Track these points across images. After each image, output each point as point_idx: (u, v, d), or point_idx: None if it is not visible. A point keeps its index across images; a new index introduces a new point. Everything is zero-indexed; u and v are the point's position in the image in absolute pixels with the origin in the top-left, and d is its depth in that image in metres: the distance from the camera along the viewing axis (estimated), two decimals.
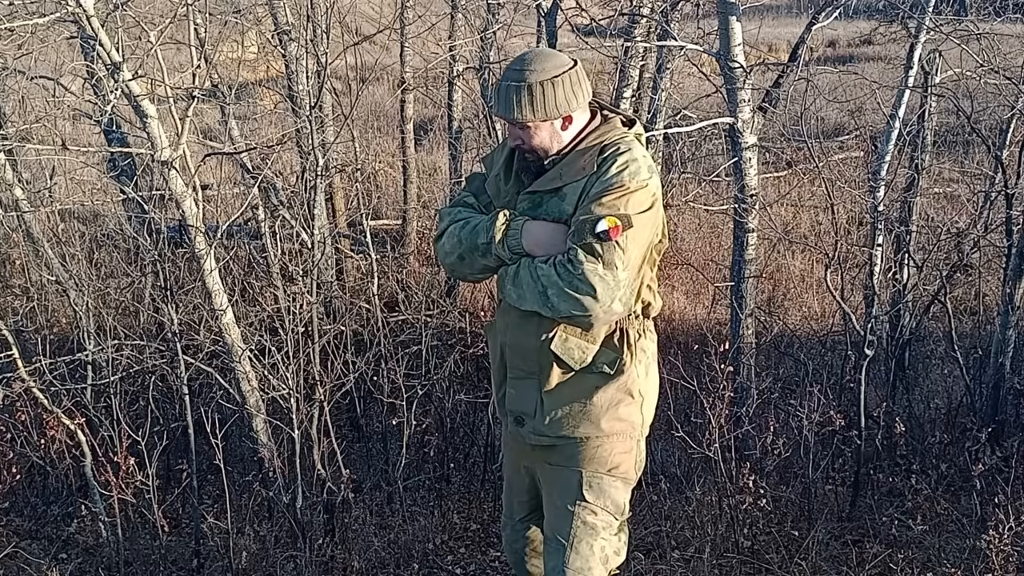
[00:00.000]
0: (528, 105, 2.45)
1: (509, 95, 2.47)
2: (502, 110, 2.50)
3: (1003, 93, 6.96)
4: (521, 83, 2.45)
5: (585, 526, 2.58)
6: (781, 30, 17.15)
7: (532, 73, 2.45)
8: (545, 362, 2.53)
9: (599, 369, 2.53)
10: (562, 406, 2.55)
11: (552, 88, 2.45)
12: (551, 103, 2.45)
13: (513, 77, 2.47)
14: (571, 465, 2.59)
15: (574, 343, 2.50)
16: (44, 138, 8.79)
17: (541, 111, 2.46)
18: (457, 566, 4.75)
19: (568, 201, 2.47)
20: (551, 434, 2.58)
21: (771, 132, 10.23)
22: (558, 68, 2.46)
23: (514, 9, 9.29)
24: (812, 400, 4.89)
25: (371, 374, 5.63)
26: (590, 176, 2.46)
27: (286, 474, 4.93)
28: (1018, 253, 5.61)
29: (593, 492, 2.58)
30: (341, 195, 10.02)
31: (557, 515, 2.63)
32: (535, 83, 2.45)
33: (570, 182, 2.47)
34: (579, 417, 2.55)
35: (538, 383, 2.56)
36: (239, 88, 10.98)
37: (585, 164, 2.48)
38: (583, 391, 2.54)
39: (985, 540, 4.02)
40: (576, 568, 2.57)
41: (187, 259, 6.17)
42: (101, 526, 4.85)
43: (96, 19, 4.35)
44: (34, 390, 4.89)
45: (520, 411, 2.61)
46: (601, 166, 2.46)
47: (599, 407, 2.54)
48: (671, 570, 4.43)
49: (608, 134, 2.52)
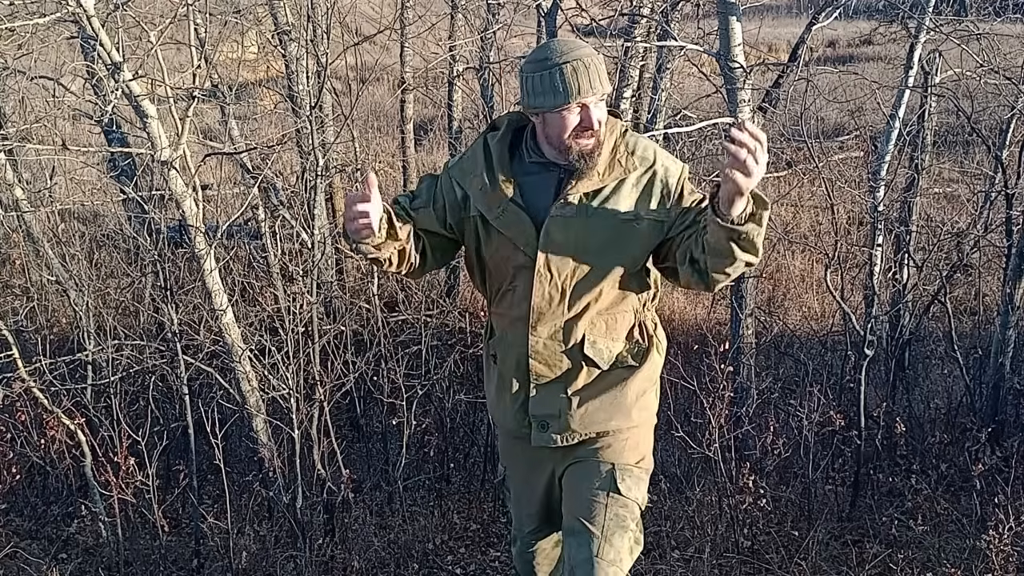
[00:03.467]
0: (604, 73, 2.39)
1: (586, 70, 2.36)
2: (586, 84, 2.36)
3: (1003, 93, 6.96)
4: (587, 56, 2.37)
5: (617, 518, 2.57)
6: (781, 30, 17.15)
7: (581, 48, 2.39)
8: (575, 364, 2.57)
9: (625, 363, 2.59)
10: (592, 402, 2.59)
11: (601, 61, 2.41)
12: (605, 73, 2.42)
13: (572, 56, 2.36)
14: (602, 458, 2.62)
15: (602, 344, 2.56)
16: (44, 138, 8.79)
17: (608, 81, 2.42)
18: (457, 566, 4.75)
19: (614, 201, 2.46)
20: (582, 431, 2.61)
21: (771, 132, 10.20)
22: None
23: (514, 9, 9.28)
24: (812, 400, 4.89)
25: (371, 374, 5.63)
26: (637, 174, 2.47)
27: (286, 474, 4.93)
28: (1018, 253, 5.61)
29: (625, 485, 2.60)
30: (341, 195, 10.01)
31: (587, 507, 2.59)
32: (591, 55, 2.38)
33: (612, 182, 2.46)
34: (610, 410, 2.59)
35: (564, 385, 2.58)
36: (239, 88, 10.98)
37: (622, 161, 2.47)
38: (613, 385, 2.59)
39: (985, 540, 4.03)
40: (610, 560, 2.55)
41: (187, 259, 6.17)
42: (101, 526, 4.85)
43: (96, 19, 4.35)
44: (34, 390, 4.90)
45: (545, 415, 2.62)
46: (650, 167, 2.48)
47: (630, 398, 2.60)
48: (671, 570, 4.43)
49: (615, 127, 2.52)
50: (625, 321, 2.59)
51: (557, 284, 2.51)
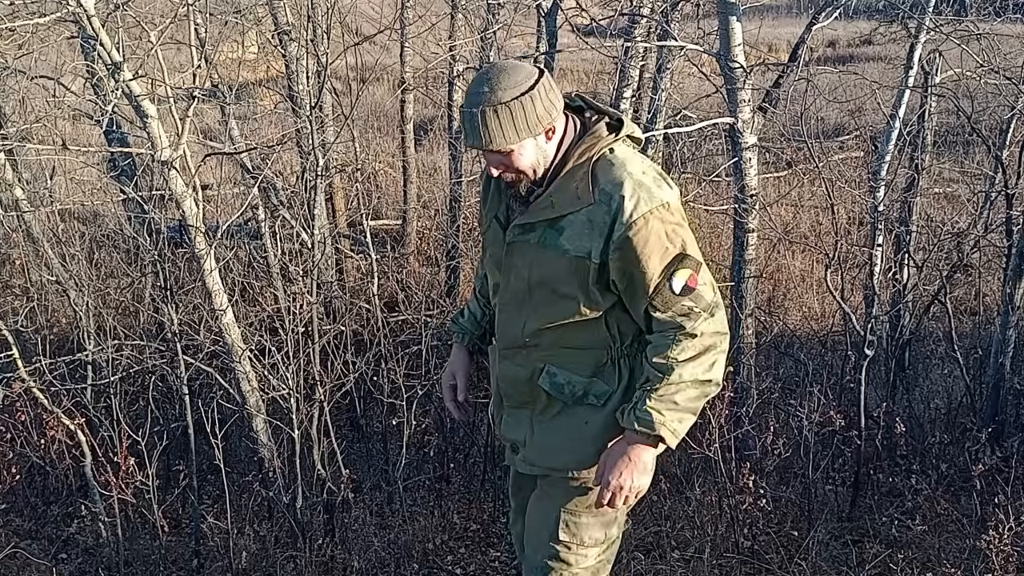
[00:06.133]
0: (510, 126, 2.16)
1: (482, 120, 2.15)
2: (473, 140, 2.19)
3: (1003, 93, 6.97)
4: (496, 104, 2.15)
5: (557, 559, 2.51)
6: (781, 30, 17.15)
7: (503, 90, 2.15)
8: (536, 394, 2.44)
9: (589, 401, 2.40)
10: (552, 437, 2.45)
11: (531, 102, 2.16)
12: (532, 118, 2.17)
13: (481, 100, 2.15)
14: (553, 499, 2.49)
15: (563, 378, 2.39)
16: (44, 138, 8.80)
17: (524, 129, 2.17)
18: (457, 566, 4.75)
19: (567, 236, 2.24)
20: (540, 464, 2.49)
21: (771, 132, 10.22)
22: (529, 78, 2.17)
23: (514, 9, 9.29)
24: (812, 400, 4.89)
25: (371, 374, 5.63)
26: (593, 208, 2.21)
27: (286, 474, 4.93)
28: (1018, 253, 5.61)
29: (568, 532, 2.49)
30: (341, 195, 10.03)
31: (533, 541, 2.56)
32: (510, 100, 2.15)
33: (566, 213, 2.24)
34: (567, 449, 2.43)
35: (529, 412, 2.48)
36: (239, 88, 10.98)
37: (580, 191, 2.22)
38: (574, 423, 2.42)
39: (985, 540, 4.02)
40: None
41: (187, 259, 6.17)
42: (101, 526, 4.85)
43: (97, 19, 4.35)
44: (34, 390, 4.89)
45: (514, 439, 2.54)
46: (608, 201, 2.19)
47: (588, 439, 2.41)
48: (671, 570, 4.43)
49: (595, 147, 2.26)
50: (592, 357, 2.37)
51: (517, 310, 2.39)
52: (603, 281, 2.27)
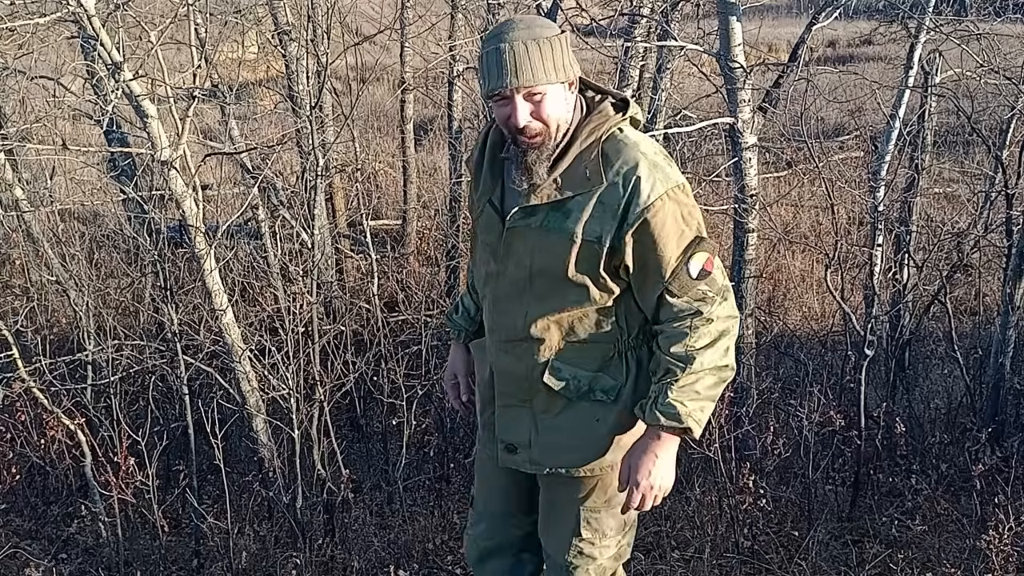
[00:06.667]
0: (549, 61, 2.03)
1: (526, 51, 2.02)
2: (510, 77, 2.03)
3: (1003, 93, 6.97)
4: (535, 38, 2.03)
5: (582, 556, 2.47)
6: (781, 30, 17.15)
7: (538, 27, 2.06)
8: (539, 389, 2.30)
9: (597, 397, 2.29)
10: (559, 434, 2.32)
11: (562, 43, 2.06)
12: (567, 58, 2.07)
13: (515, 36, 2.03)
14: (569, 498, 2.41)
15: (568, 372, 2.27)
16: (44, 138, 8.81)
17: (560, 69, 2.06)
18: (457, 566, 4.75)
19: (574, 219, 2.13)
20: (549, 463, 2.36)
21: (771, 132, 10.22)
22: (554, 26, 2.11)
23: (514, 9, 9.28)
24: (812, 400, 4.89)
25: (371, 374, 5.63)
26: (605, 189, 2.12)
27: (286, 474, 4.93)
28: (1018, 253, 5.61)
29: (590, 528, 2.43)
30: (341, 195, 10.03)
31: (554, 542, 2.51)
32: (550, 36, 2.05)
33: (574, 194, 2.14)
34: (578, 447, 2.32)
35: (532, 411, 2.33)
36: (239, 88, 10.97)
37: (590, 172, 2.12)
38: (582, 420, 2.30)
39: (985, 540, 4.01)
40: None
41: (187, 259, 6.17)
42: (101, 526, 4.85)
43: (97, 19, 4.35)
44: (34, 390, 4.89)
45: (512, 441, 2.39)
46: (623, 182, 2.10)
47: (603, 436, 2.31)
48: (671, 570, 4.43)
49: (603, 126, 2.17)
50: (598, 351, 2.27)
51: (517, 300, 2.27)
52: (612, 267, 2.18)
